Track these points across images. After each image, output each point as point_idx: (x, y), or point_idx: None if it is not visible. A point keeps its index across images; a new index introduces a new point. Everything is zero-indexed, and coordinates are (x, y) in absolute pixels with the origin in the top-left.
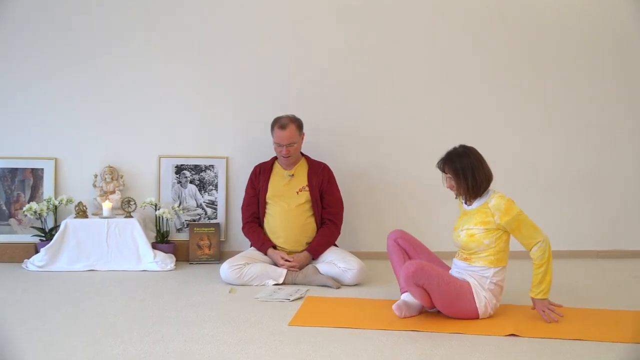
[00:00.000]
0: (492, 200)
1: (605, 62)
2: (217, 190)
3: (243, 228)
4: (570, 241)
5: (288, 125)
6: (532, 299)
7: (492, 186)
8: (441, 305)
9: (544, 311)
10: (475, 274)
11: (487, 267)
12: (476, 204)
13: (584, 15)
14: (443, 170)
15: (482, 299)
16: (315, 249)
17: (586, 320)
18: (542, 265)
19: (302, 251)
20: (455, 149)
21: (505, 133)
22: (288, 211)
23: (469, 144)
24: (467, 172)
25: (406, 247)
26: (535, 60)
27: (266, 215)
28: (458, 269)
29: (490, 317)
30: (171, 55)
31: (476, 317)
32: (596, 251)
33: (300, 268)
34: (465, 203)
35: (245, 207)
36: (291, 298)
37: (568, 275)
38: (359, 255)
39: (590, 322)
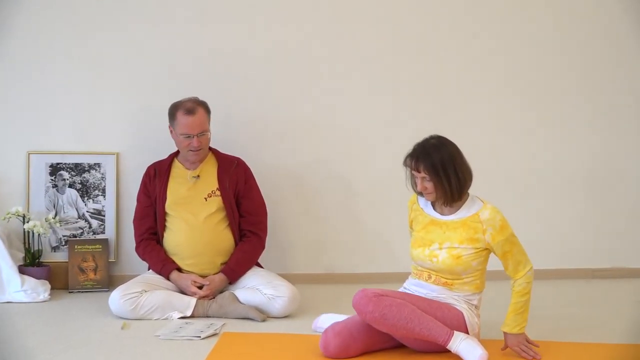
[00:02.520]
0: (486, 212)
1: (598, 48)
2: (104, 197)
3: (137, 248)
4: (560, 258)
5: (196, 110)
6: (506, 334)
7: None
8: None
9: (521, 348)
10: (461, 299)
11: (473, 292)
12: (459, 213)
13: None
14: (417, 169)
15: (476, 327)
16: (233, 270)
17: (575, 359)
18: (525, 295)
19: (216, 273)
20: (427, 140)
21: (474, 125)
22: (195, 224)
23: (426, 130)
24: (449, 168)
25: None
26: (509, 42)
27: (166, 231)
28: (432, 293)
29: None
30: (44, 26)
31: None
32: (591, 270)
33: (214, 295)
34: (435, 209)
35: (138, 220)
36: (202, 335)
37: (556, 300)
38: (290, 278)
39: None
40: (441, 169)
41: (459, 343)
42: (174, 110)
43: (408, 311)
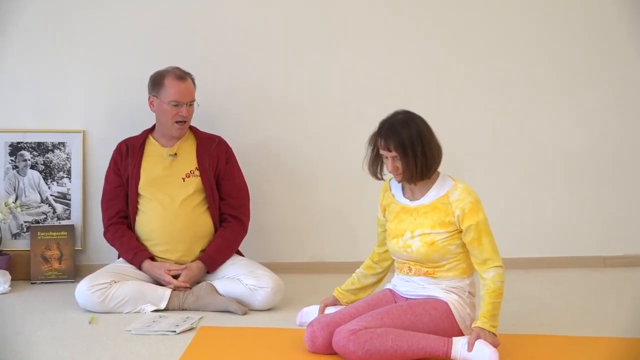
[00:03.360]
0: (455, 192)
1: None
2: (70, 179)
3: (106, 233)
4: (567, 244)
5: (187, 77)
6: (481, 330)
7: (445, 170)
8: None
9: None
10: (449, 287)
11: (461, 277)
12: (429, 196)
13: None
14: (387, 148)
15: (467, 320)
16: (212, 258)
17: (582, 354)
18: (500, 295)
19: (193, 261)
20: (395, 116)
21: (471, 97)
22: (171, 207)
23: (418, 111)
24: (417, 146)
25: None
26: (511, 18)
27: (139, 214)
28: (418, 285)
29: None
30: None
31: None
32: (603, 257)
33: (191, 285)
34: (404, 194)
35: (107, 202)
36: (178, 330)
37: (564, 290)
38: (273, 268)
39: (587, 354)
40: (410, 147)
41: (461, 350)
42: (160, 78)
43: (392, 338)
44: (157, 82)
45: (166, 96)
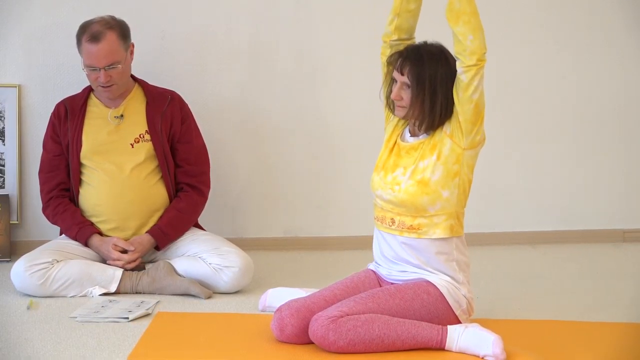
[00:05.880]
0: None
1: None
2: (3, 141)
3: (45, 209)
4: (581, 216)
5: (104, 35)
6: None
7: None
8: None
9: None
10: (437, 269)
11: (449, 235)
12: (426, 134)
13: None
14: (400, 70)
15: (463, 302)
16: (163, 232)
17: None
18: None
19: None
20: (426, 45)
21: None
22: (119, 177)
23: None
24: (439, 87)
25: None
26: None
27: (82, 186)
28: (400, 260)
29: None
30: None
31: None
32: (622, 231)
33: (143, 261)
34: (409, 131)
35: (46, 173)
36: (131, 316)
37: (576, 270)
38: (241, 244)
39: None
40: (429, 84)
41: (457, 339)
42: (79, 34)
43: (379, 325)
44: (77, 38)
45: (84, 59)
